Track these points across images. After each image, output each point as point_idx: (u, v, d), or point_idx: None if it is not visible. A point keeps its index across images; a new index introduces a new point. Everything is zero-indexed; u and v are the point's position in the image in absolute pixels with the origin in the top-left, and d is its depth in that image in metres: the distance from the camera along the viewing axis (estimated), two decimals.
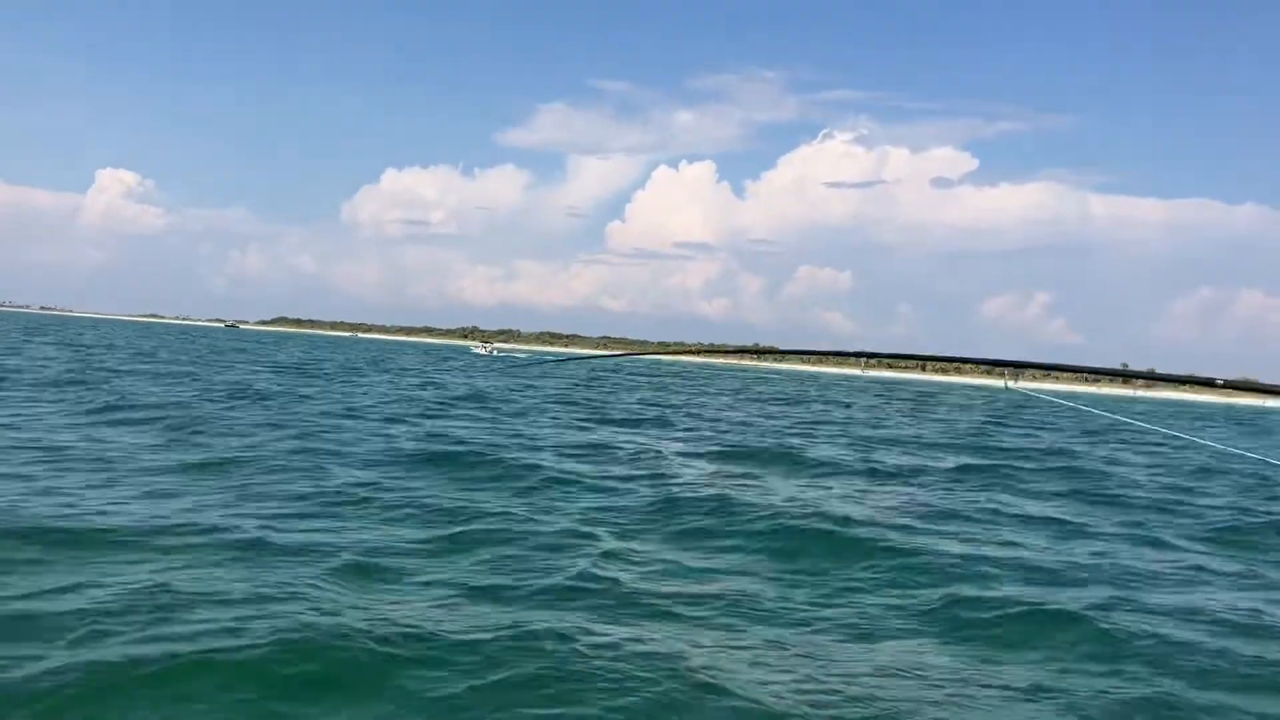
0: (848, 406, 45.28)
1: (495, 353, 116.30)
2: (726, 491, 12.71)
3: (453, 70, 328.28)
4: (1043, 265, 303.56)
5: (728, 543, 9.95)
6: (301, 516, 9.69)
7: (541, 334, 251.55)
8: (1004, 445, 25.86)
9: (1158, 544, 11.57)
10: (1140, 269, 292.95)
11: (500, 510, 10.68)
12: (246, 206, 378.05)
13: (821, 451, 20.02)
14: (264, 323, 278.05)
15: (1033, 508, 13.75)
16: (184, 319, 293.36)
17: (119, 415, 17.44)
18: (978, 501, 13.78)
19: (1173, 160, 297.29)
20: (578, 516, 10.78)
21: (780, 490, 13.80)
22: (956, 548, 10.14)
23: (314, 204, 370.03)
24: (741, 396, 47.89)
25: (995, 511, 12.95)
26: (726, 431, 24.50)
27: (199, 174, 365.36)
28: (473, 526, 9.74)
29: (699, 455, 18.27)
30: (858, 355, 6.06)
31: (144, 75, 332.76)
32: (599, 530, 10.06)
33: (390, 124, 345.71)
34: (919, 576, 8.73)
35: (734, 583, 8.26)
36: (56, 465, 11.60)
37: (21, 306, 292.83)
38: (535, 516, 10.47)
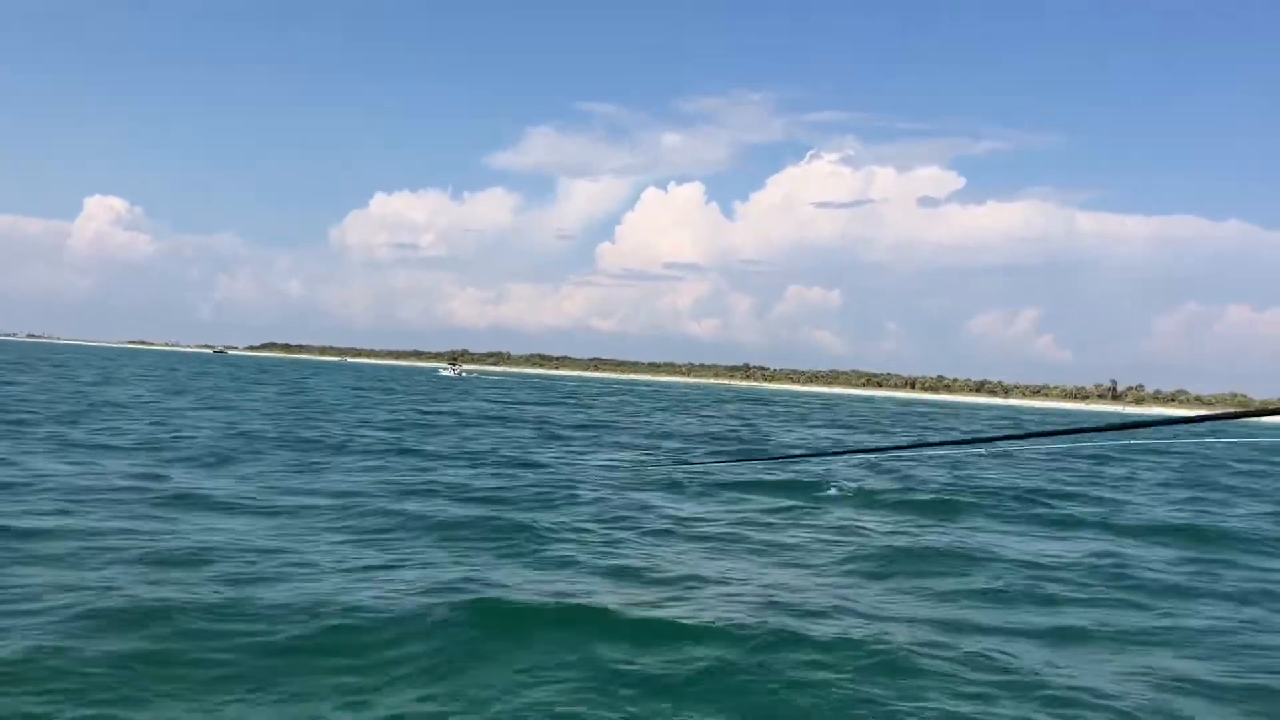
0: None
1: (463, 374, 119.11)
2: None
3: (441, 94, 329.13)
4: (1030, 282, 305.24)
5: None
6: None
7: (531, 355, 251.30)
8: None
9: None
10: (1127, 285, 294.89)
11: None
12: (235, 232, 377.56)
13: None
14: (253, 348, 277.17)
15: None
16: (172, 345, 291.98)
17: None
18: None
19: (1158, 177, 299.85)
20: None
21: None
22: None
23: (303, 229, 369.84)
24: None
25: None
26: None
27: (188, 200, 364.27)
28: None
29: None
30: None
31: (133, 102, 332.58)
32: None
33: (379, 149, 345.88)
34: None
35: None
36: None
37: (9, 335, 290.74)
38: None
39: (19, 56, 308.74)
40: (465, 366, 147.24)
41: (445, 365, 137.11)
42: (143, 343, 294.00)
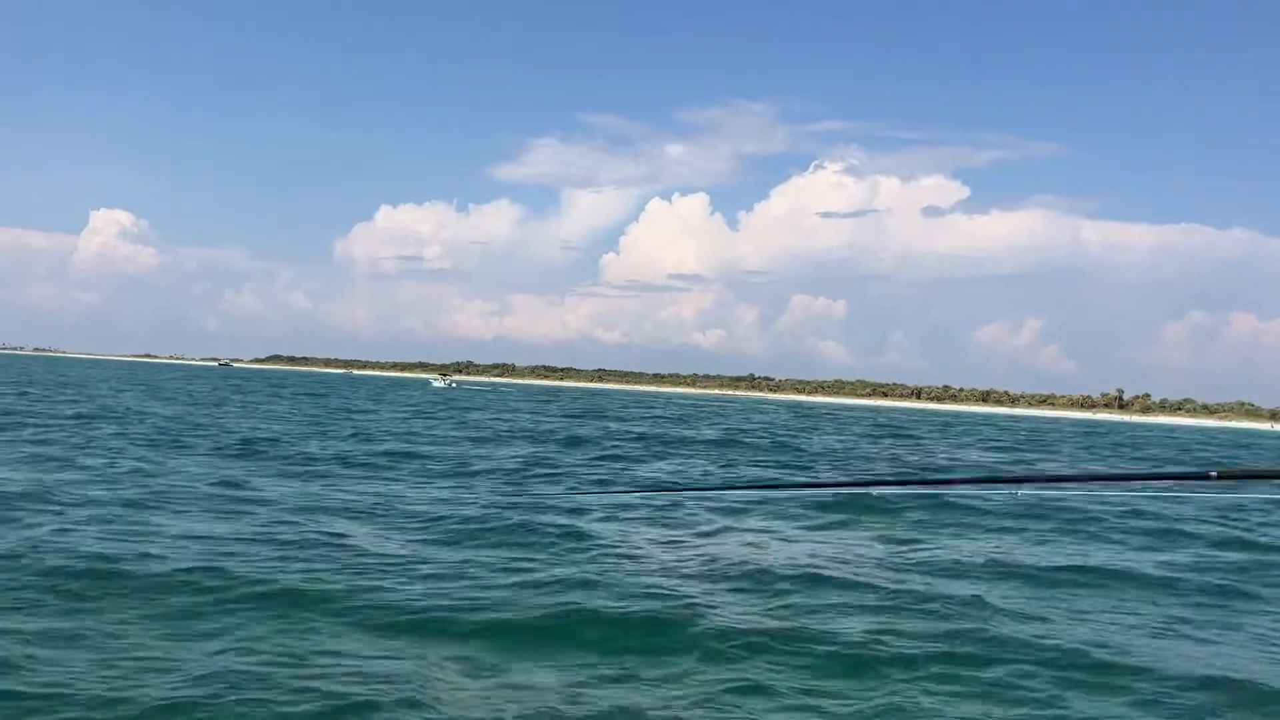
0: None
1: (453, 385, 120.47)
2: None
3: (445, 107, 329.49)
4: (1035, 292, 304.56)
5: None
6: None
7: (536, 368, 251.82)
8: None
9: None
10: (1132, 294, 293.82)
11: None
12: (240, 245, 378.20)
13: None
14: (259, 360, 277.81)
15: None
16: (178, 358, 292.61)
17: None
18: None
19: (1162, 185, 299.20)
20: None
21: None
22: None
23: (308, 242, 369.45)
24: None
25: None
26: None
27: (193, 213, 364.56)
28: None
29: None
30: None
31: (138, 115, 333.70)
32: None
33: (384, 162, 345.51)
34: None
35: None
36: None
37: (15, 348, 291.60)
38: None
39: (22, 66, 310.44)
40: (456, 378, 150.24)
41: (436, 376, 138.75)
42: (149, 356, 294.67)
